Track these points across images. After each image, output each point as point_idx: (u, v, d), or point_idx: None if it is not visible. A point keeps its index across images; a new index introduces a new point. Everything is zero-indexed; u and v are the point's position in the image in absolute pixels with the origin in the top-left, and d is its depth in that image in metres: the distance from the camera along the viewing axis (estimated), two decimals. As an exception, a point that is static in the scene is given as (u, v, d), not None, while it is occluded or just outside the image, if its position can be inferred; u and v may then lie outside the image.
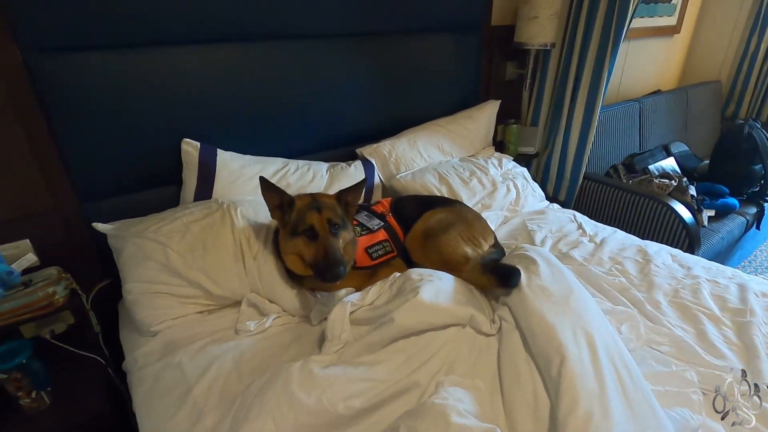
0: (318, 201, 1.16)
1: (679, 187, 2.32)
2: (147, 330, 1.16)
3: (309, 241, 1.12)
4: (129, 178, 1.37)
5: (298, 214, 1.13)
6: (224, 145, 1.45)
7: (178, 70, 1.34)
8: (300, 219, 1.12)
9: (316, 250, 1.12)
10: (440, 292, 1.09)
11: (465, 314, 1.07)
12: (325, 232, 1.12)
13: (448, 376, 0.95)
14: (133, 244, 1.20)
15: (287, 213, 1.15)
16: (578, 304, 1.01)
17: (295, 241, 1.14)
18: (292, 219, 1.14)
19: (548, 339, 0.91)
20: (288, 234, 1.14)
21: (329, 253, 1.09)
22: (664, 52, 3.25)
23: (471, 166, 1.84)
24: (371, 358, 0.98)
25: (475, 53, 2.04)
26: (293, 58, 1.53)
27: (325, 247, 1.10)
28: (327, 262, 1.08)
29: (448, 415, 0.80)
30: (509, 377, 0.93)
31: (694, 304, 1.22)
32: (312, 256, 1.12)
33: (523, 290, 1.06)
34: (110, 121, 1.27)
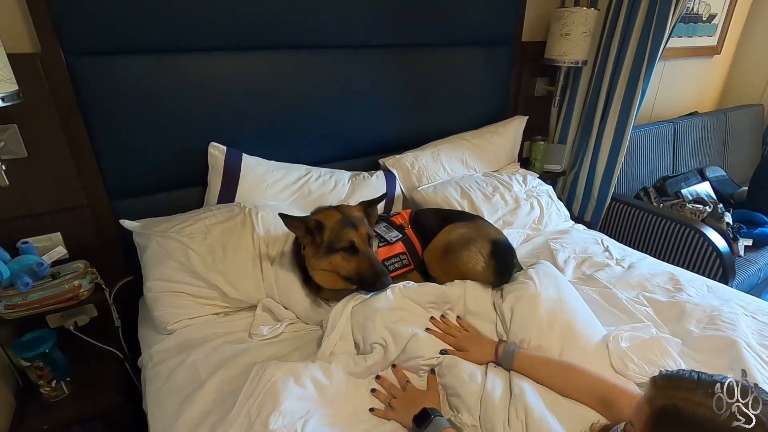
0: (350, 217, 1.17)
1: (713, 213, 2.22)
2: (164, 328, 1.18)
3: (349, 256, 1.14)
4: (157, 178, 1.41)
5: (332, 233, 1.14)
6: (249, 150, 1.47)
7: (209, 76, 1.38)
8: (336, 237, 1.13)
9: (358, 264, 1.14)
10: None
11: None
12: (365, 246, 1.15)
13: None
14: (156, 243, 1.23)
15: (317, 235, 1.15)
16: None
17: (331, 257, 1.14)
18: (326, 239, 1.14)
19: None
20: (323, 252, 1.15)
21: (374, 265, 1.13)
22: (703, 73, 3.14)
23: (494, 182, 1.81)
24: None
25: (505, 68, 2.02)
26: (320, 67, 1.56)
27: (369, 260, 1.14)
28: (374, 272, 1.12)
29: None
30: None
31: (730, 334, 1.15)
32: (354, 270, 1.15)
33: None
34: (142, 123, 1.32)
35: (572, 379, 0.88)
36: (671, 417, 0.58)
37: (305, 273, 1.22)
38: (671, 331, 1.18)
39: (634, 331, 1.06)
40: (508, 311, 1.10)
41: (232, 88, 1.42)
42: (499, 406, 0.87)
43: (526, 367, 0.94)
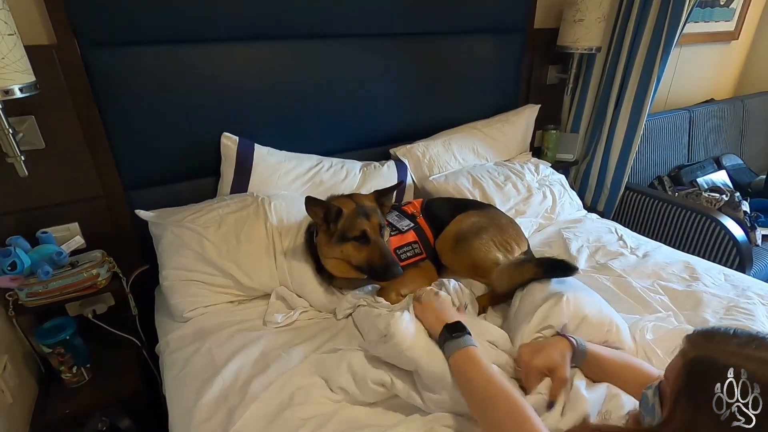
0: (363, 206, 1.18)
1: (730, 202, 2.18)
2: (180, 315, 1.20)
3: (361, 245, 1.14)
4: (170, 168, 1.42)
5: (346, 222, 1.14)
6: (261, 140, 1.48)
7: (221, 66, 1.39)
8: (350, 226, 1.14)
9: (369, 253, 1.14)
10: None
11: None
12: (376, 236, 1.15)
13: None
14: (171, 233, 1.24)
15: (333, 222, 1.16)
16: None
17: (342, 246, 1.15)
18: (339, 227, 1.15)
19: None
20: (335, 241, 1.15)
21: (385, 255, 1.13)
22: (720, 59, 3.07)
23: (506, 171, 1.80)
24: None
25: (516, 56, 2.00)
26: (332, 57, 1.55)
27: (379, 250, 1.14)
28: (384, 263, 1.12)
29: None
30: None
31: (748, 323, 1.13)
32: (364, 259, 1.15)
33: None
34: (156, 113, 1.33)
35: (635, 376, 0.84)
36: (704, 366, 0.57)
37: (318, 262, 1.23)
38: (687, 320, 1.17)
39: (657, 321, 1.04)
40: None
41: (244, 78, 1.43)
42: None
43: (596, 365, 0.88)
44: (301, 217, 1.32)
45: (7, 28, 0.95)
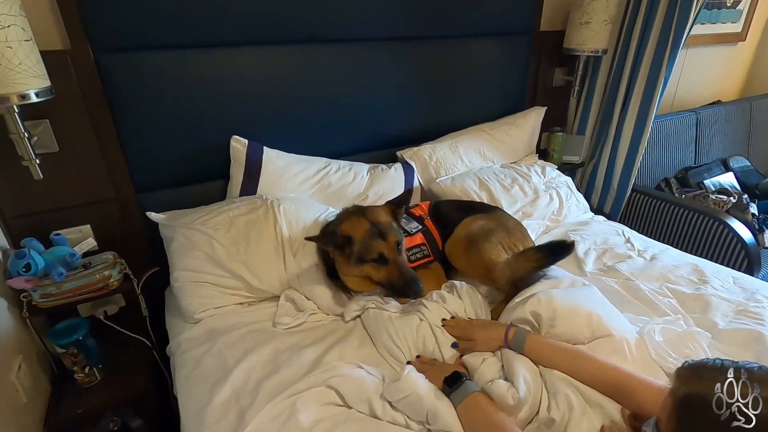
0: (378, 225, 1.14)
1: (738, 204, 2.17)
2: (191, 317, 1.22)
3: (379, 266, 1.13)
4: (181, 171, 1.44)
5: (361, 245, 1.12)
6: (270, 143, 1.49)
7: (231, 70, 1.40)
8: (365, 249, 1.11)
9: (388, 273, 1.13)
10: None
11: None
12: (394, 255, 1.13)
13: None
14: (182, 235, 1.26)
15: (347, 247, 1.13)
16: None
17: (362, 267, 1.13)
18: (355, 251, 1.12)
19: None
20: (353, 263, 1.13)
21: (405, 274, 1.12)
22: (727, 60, 3.05)
23: (513, 173, 1.80)
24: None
25: (523, 59, 2.00)
26: (339, 60, 1.57)
27: (398, 269, 1.12)
28: (405, 281, 1.11)
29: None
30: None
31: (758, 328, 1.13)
32: (385, 278, 1.14)
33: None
34: (166, 117, 1.35)
35: (585, 368, 0.87)
36: (694, 404, 0.57)
37: (329, 266, 1.24)
38: (696, 323, 1.17)
39: (665, 324, 1.05)
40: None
41: (252, 82, 1.44)
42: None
43: (538, 353, 0.94)
44: (310, 221, 1.33)
45: (24, 34, 0.97)
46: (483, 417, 0.81)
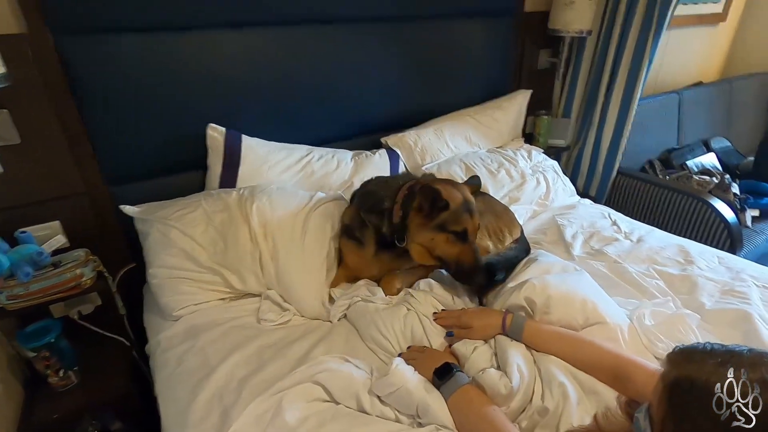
0: (469, 203, 1.09)
1: (720, 184, 2.19)
2: (170, 314, 1.17)
3: (456, 241, 1.07)
4: (156, 162, 1.37)
5: (452, 214, 1.06)
6: (250, 131, 1.43)
7: (206, 54, 1.33)
8: (454, 219, 1.05)
9: (461, 252, 1.07)
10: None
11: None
12: (474, 237, 1.08)
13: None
14: (158, 230, 1.20)
15: (438, 211, 1.06)
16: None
17: (435, 235, 1.07)
18: (442, 217, 1.06)
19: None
20: (431, 228, 1.07)
21: (477, 259, 1.07)
22: (708, 41, 3.06)
23: (499, 158, 1.78)
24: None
25: (507, 40, 1.96)
26: (320, 43, 1.50)
27: (473, 252, 1.07)
28: (474, 267, 1.07)
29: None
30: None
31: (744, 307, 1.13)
32: (454, 255, 1.08)
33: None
34: (138, 105, 1.28)
35: (584, 354, 0.86)
36: (684, 388, 0.56)
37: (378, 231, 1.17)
38: (683, 304, 1.17)
39: (655, 307, 1.04)
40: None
41: (230, 66, 1.37)
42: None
43: (537, 340, 0.92)
44: (292, 212, 1.26)
45: (-29, 15, 0.89)
46: (474, 410, 0.79)
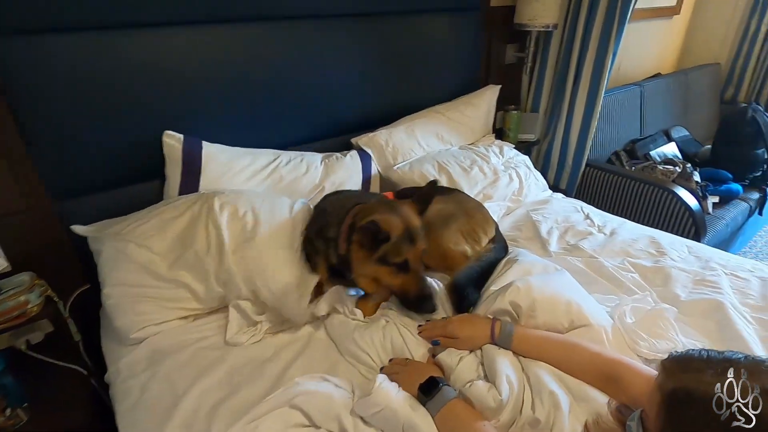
0: (411, 229, 1.00)
1: (683, 173, 2.26)
2: (127, 337, 1.07)
3: (398, 272, 1.01)
4: (108, 173, 1.26)
5: (392, 246, 0.98)
6: (210, 136, 1.34)
7: (160, 54, 1.23)
8: (393, 250, 0.98)
9: (405, 282, 1.02)
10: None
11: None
12: (418, 266, 1.02)
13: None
14: (110, 246, 1.10)
15: (378, 243, 0.99)
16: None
17: (378, 267, 1.01)
18: (381, 249, 0.98)
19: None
20: (373, 261, 1.00)
21: (422, 288, 1.02)
22: (664, 34, 3.17)
23: (471, 155, 1.76)
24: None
25: (475, 35, 1.94)
26: (282, 40, 1.43)
27: (417, 282, 1.02)
28: (420, 296, 1.02)
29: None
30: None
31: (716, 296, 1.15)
32: (399, 287, 1.03)
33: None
34: (84, 111, 1.17)
35: (576, 358, 0.84)
36: (682, 399, 0.56)
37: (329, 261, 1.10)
38: (659, 296, 1.18)
39: (634, 302, 1.04)
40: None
41: (187, 67, 1.28)
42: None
43: (527, 347, 0.90)
44: (264, 215, 1.19)
45: None
46: (462, 426, 0.76)
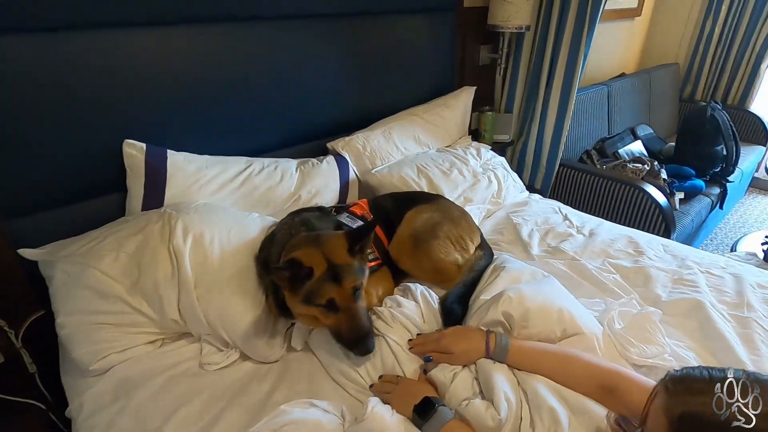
0: (335, 265, 0.92)
1: (651, 171, 2.33)
2: (87, 369, 0.97)
3: (328, 312, 0.93)
4: (62, 187, 1.15)
5: (313, 286, 0.91)
6: (176, 144, 1.26)
7: (118, 57, 1.13)
8: (315, 292, 0.91)
9: (337, 322, 0.94)
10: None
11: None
12: (348, 303, 0.93)
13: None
14: (62, 271, 0.99)
15: (301, 281, 0.92)
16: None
17: (307, 308, 0.93)
18: (304, 289, 0.91)
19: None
20: (300, 301, 0.93)
21: (355, 327, 0.92)
22: (627, 35, 3.26)
23: (450, 157, 1.73)
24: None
25: (449, 36, 1.92)
26: (255, 42, 1.35)
27: (349, 320, 0.92)
28: (354, 336, 0.92)
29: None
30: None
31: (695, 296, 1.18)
32: (333, 325, 0.95)
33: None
34: (33, 119, 1.06)
35: (572, 370, 0.83)
36: (693, 424, 0.55)
37: (276, 299, 1.03)
38: (641, 296, 1.20)
39: (621, 307, 1.04)
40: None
41: (149, 70, 1.19)
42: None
43: (522, 359, 0.87)
44: (233, 235, 1.12)
45: None
46: None
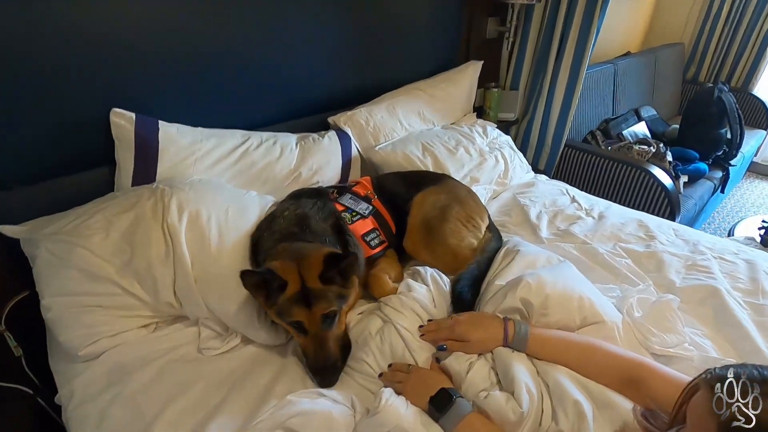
0: (308, 289, 0.87)
1: (657, 153, 2.28)
2: (75, 355, 0.91)
3: (297, 332, 0.90)
4: (45, 159, 1.07)
5: (284, 303, 0.87)
6: (169, 116, 1.17)
7: (107, 20, 1.03)
8: (285, 310, 0.87)
9: (305, 344, 0.90)
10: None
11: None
12: (316, 330, 0.89)
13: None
14: (46, 250, 0.92)
15: (275, 293, 0.88)
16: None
17: (280, 321, 0.90)
18: (278, 302, 0.87)
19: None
20: (275, 313, 0.89)
21: (320, 357, 0.88)
22: (632, 12, 3.16)
23: (456, 135, 1.67)
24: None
25: (456, 7, 1.82)
26: (255, 8, 1.25)
27: (316, 348, 0.88)
28: (317, 365, 0.88)
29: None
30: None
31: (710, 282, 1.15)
32: (302, 346, 0.91)
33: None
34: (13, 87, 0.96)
35: (596, 360, 0.79)
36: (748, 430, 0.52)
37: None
38: (655, 282, 1.16)
39: (639, 294, 1.00)
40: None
41: (139, 35, 1.09)
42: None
43: (543, 349, 0.83)
44: (231, 213, 1.05)
45: None
46: None
